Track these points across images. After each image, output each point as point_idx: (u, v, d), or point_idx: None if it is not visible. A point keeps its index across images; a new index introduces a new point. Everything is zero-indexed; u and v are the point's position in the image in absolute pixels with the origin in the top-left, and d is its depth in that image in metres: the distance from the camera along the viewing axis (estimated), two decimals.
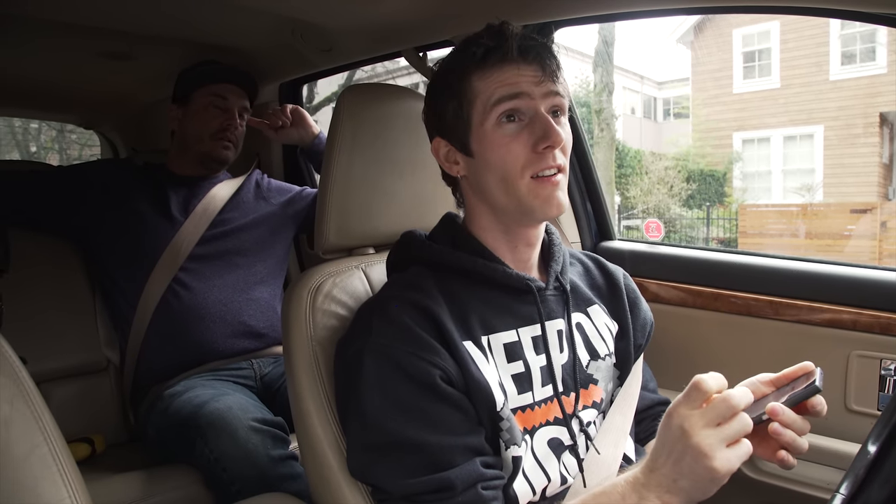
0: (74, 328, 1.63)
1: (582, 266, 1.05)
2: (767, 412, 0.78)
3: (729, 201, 11.62)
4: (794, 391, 0.80)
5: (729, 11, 1.34)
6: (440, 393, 0.79)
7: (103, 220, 1.60)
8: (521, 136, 0.85)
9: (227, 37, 1.71)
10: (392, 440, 0.78)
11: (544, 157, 0.84)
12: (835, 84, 10.91)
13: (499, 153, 0.85)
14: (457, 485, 0.76)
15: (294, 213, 1.81)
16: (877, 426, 0.63)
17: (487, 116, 0.85)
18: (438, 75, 0.92)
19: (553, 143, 0.84)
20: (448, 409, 0.79)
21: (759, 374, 0.90)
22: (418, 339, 0.80)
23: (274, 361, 1.64)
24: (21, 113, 3.42)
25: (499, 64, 0.85)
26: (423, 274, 0.90)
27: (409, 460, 0.77)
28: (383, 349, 0.81)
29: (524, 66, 0.85)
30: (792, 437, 0.78)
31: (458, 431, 0.79)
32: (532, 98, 0.84)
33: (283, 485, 1.23)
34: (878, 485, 0.53)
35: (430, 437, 0.77)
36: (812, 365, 0.84)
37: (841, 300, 1.21)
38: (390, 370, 0.79)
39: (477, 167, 0.89)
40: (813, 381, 0.79)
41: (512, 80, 0.84)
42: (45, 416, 0.75)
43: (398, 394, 0.79)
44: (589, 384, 0.93)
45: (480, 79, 0.86)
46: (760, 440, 0.84)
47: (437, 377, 0.79)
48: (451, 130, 0.90)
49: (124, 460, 1.50)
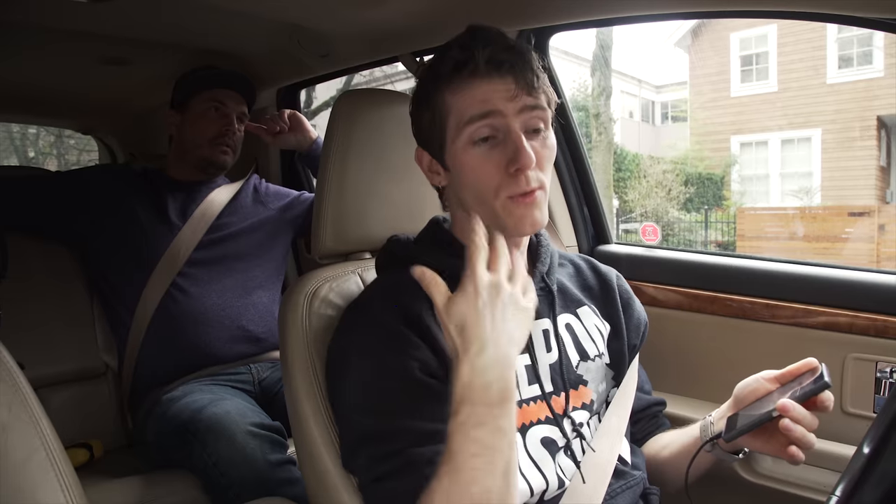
0: (72, 333, 1.63)
1: (573, 267, 1.05)
2: (778, 408, 0.80)
3: (727, 205, 11.64)
4: (803, 387, 0.82)
5: (726, 16, 1.35)
6: (419, 382, 0.79)
7: (102, 225, 1.60)
8: (492, 157, 0.82)
9: (225, 42, 1.71)
10: (371, 431, 0.78)
11: (517, 180, 0.81)
12: (832, 88, 10.94)
13: (472, 174, 0.84)
14: (420, 461, 0.74)
15: (292, 217, 1.81)
16: (872, 428, 0.64)
17: (459, 134, 0.83)
18: (418, 85, 0.90)
19: (522, 167, 0.80)
20: (428, 398, 0.78)
21: (762, 372, 0.91)
22: (398, 336, 0.81)
23: (272, 366, 1.64)
24: (19, 118, 3.42)
25: (469, 78, 0.81)
26: (405, 274, 0.90)
27: (384, 446, 0.77)
28: (364, 346, 0.82)
29: (496, 80, 0.81)
30: (802, 433, 0.79)
31: (436, 418, 0.77)
32: (504, 115, 0.81)
33: (281, 489, 1.23)
34: (872, 485, 0.54)
35: (404, 423, 0.76)
36: (816, 361, 0.85)
37: (837, 303, 1.21)
38: (371, 366, 0.80)
39: (454, 181, 0.88)
40: (822, 377, 0.80)
41: (482, 96, 0.81)
42: (44, 421, 0.76)
43: (380, 388, 0.79)
44: (579, 385, 0.93)
45: (451, 93, 0.83)
46: (768, 437, 0.85)
47: (416, 369, 0.79)
48: (429, 142, 0.89)
49: (122, 465, 1.50)
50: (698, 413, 1.23)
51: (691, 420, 1.09)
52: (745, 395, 0.91)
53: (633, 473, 0.93)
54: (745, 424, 0.85)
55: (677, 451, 1.00)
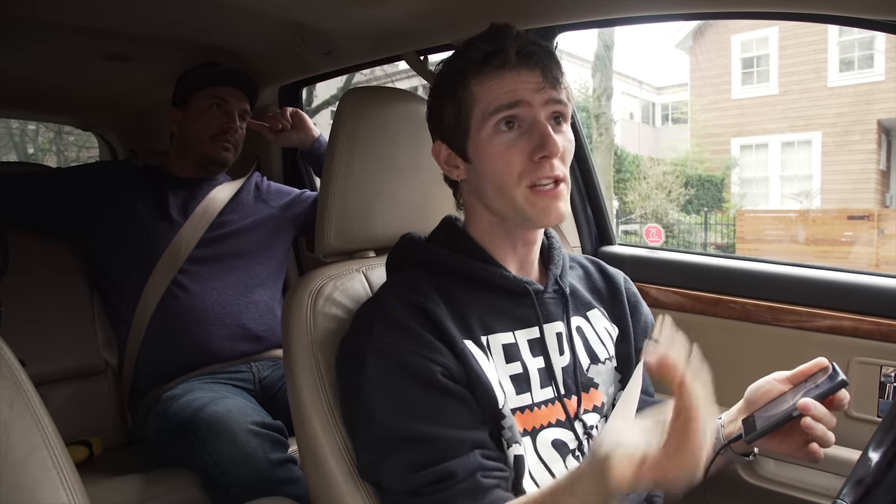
0: (73, 330, 1.63)
1: (582, 270, 1.05)
2: (799, 408, 0.81)
3: (727, 207, 11.66)
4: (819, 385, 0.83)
5: (731, 17, 1.34)
6: (442, 388, 0.79)
7: (102, 222, 1.60)
8: (518, 144, 0.83)
9: (227, 39, 1.70)
10: (397, 435, 0.78)
11: (541, 167, 0.83)
12: (833, 91, 10.96)
13: (495, 162, 0.84)
14: (458, 473, 0.76)
15: (293, 215, 1.81)
16: (877, 433, 0.63)
17: (484, 124, 0.84)
18: (439, 77, 0.91)
19: (549, 154, 0.82)
20: (450, 403, 0.79)
21: (774, 373, 0.90)
22: (419, 338, 0.80)
23: (273, 365, 1.63)
24: (19, 114, 3.41)
25: (497, 70, 0.83)
26: (420, 276, 0.90)
27: (414, 455, 0.77)
28: (385, 348, 0.81)
29: (524, 73, 0.83)
30: (823, 431, 0.80)
31: (460, 425, 0.79)
32: (531, 106, 0.83)
33: (282, 489, 1.22)
34: (884, 491, 0.53)
35: (433, 430, 0.77)
36: (826, 361, 0.85)
37: (841, 307, 1.21)
38: (392, 368, 0.80)
39: (475, 173, 0.88)
40: (837, 374, 0.81)
41: (511, 86, 0.82)
42: (45, 419, 0.75)
43: (401, 391, 0.79)
44: (590, 388, 0.93)
45: (479, 84, 0.84)
46: (784, 437, 0.86)
47: (439, 373, 0.79)
48: (449, 135, 0.89)
49: (122, 463, 1.49)
50: None
51: None
52: (757, 396, 0.91)
53: None
54: (767, 424, 0.85)
55: None
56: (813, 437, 0.80)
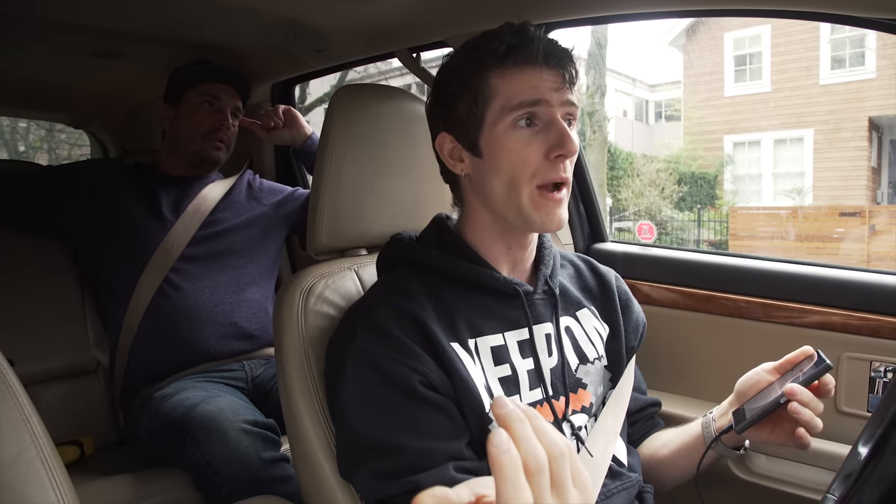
0: (63, 329, 1.62)
1: (573, 268, 1.05)
2: (786, 393, 0.83)
3: (720, 204, 11.71)
4: (805, 372, 0.84)
5: (725, 14, 1.34)
6: (420, 397, 0.78)
7: (93, 220, 1.58)
8: (534, 142, 0.83)
9: (219, 36, 1.70)
10: (370, 443, 0.78)
11: (554, 168, 0.83)
12: (825, 88, 11.02)
13: (510, 157, 0.83)
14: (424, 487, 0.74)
15: (286, 213, 1.80)
16: (867, 428, 0.64)
17: (503, 118, 0.83)
18: (451, 68, 0.89)
19: (567, 152, 0.82)
20: (427, 412, 0.78)
21: (762, 364, 0.92)
22: (401, 345, 0.79)
23: (265, 363, 1.63)
24: (10, 112, 3.38)
25: (520, 65, 0.83)
26: (409, 276, 0.89)
27: (385, 463, 0.77)
28: (364, 354, 0.80)
29: (546, 71, 0.83)
30: (810, 416, 0.81)
31: (436, 436, 0.78)
32: (550, 105, 0.83)
33: (275, 487, 1.22)
34: (871, 486, 0.54)
35: (406, 440, 0.76)
36: (811, 348, 0.87)
37: (832, 302, 1.21)
38: (371, 375, 0.79)
39: (483, 168, 0.87)
40: (822, 360, 0.84)
41: (534, 83, 0.82)
42: (34, 418, 0.74)
43: (378, 399, 0.78)
44: (578, 388, 0.92)
45: (499, 77, 0.83)
46: (774, 426, 0.87)
47: (418, 382, 0.78)
48: (460, 127, 0.87)
49: (114, 463, 1.48)
50: (692, 411, 1.23)
51: (685, 419, 1.09)
52: (746, 388, 0.92)
53: (630, 475, 0.93)
54: (756, 413, 0.86)
55: (676, 449, 1.00)
56: (800, 421, 0.81)
